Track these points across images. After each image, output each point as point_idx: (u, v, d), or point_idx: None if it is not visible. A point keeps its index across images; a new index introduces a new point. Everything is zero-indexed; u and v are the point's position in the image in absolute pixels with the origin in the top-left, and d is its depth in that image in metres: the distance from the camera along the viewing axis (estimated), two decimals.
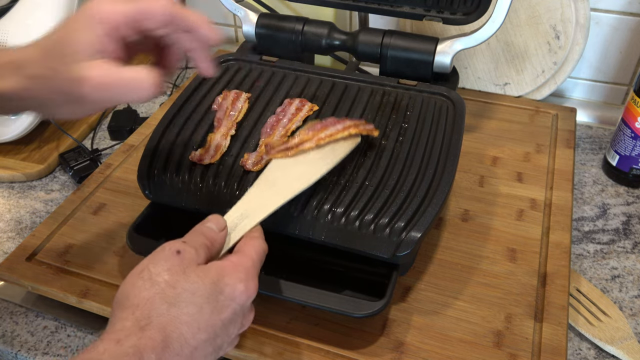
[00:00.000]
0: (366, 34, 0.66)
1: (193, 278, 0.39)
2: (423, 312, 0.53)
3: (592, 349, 0.55)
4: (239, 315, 0.41)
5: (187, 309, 0.37)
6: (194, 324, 0.37)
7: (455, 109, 0.59)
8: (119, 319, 0.37)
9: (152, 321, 0.36)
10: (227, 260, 0.41)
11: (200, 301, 0.38)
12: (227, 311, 0.39)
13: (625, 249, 0.65)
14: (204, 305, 0.38)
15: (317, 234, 0.50)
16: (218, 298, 0.39)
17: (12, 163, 0.76)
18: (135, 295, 0.38)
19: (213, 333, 0.38)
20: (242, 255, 0.42)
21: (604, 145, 0.80)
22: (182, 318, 0.37)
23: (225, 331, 0.40)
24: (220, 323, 0.39)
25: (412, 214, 0.50)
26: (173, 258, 0.39)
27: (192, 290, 0.38)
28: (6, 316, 0.58)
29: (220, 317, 0.39)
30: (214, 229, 0.43)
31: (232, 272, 0.40)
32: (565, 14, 0.76)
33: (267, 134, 0.57)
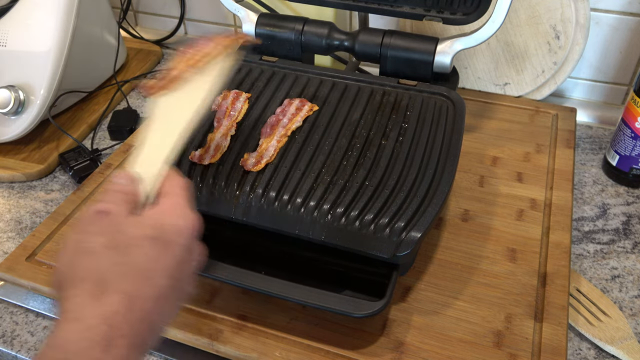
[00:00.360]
0: (366, 34, 0.66)
1: (131, 231, 0.38)
2: (423, 312, 0.53)
3: (592, 349, 0.55)
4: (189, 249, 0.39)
5: (135, 260, 0.36)
6: (149, 273, 0.36)
7: (455, 109, 0.59)
8: (69, 297, 0.35)
9: (105, 286, 0.35)
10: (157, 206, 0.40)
11: (146, 250, 0.37)
12: (176, 249, 0.38)
13: (625, 249, 0.65)
14: (151, 251, 0.37)
15: (317, 234, 0.50)
16: (163, 239, 0.38)
17: (12, 163, 0.76)
18: (75, 270, 0.36)
19: (170, 276, 0.37)
20: (169, 195, 0.41)
21: (604, 145, 0.80)
22: (136, 272, 0.36)
23: (181, 270, 0.38)
24: (174, 262, 0.38)
25: (412, 214, 0.50)
26: (100, 220, 0.38)
27: (134, 243, 0.37)
28: (6, 316, 0.58)
29: (172, 257, 0.38)
30: (124, 182, 0.42)
31: (168, 214, 0.39)
32: (565, 14, 0.76)
33: (267, 134, 0.57)
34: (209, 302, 0.54)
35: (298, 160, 0.55)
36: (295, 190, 0.52)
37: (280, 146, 0.56)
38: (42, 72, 0.76)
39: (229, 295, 0.55)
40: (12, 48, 0.77)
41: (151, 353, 0.55)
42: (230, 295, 0.55)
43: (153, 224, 0.38)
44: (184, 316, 0.53)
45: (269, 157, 0.55)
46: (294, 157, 0.55)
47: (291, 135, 0.57)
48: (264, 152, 0.55)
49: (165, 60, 1.00)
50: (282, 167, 0.54)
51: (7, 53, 0.77)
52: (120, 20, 1.03)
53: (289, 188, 0.53)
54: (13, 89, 0.75)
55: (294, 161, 0.55)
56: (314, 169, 0.54)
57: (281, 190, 0.53)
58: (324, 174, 0.54)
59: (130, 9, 1.08)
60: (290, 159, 0.55)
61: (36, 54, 0.77)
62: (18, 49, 0.77)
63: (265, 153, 0.55)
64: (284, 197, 0.52)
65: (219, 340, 0.51)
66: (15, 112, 0.76)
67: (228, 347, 0.51)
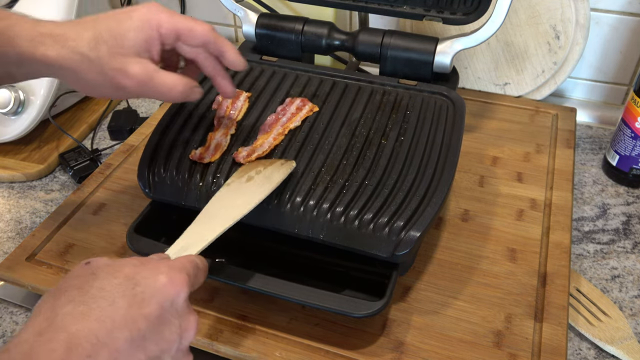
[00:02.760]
0: (366, 34, 0.66)
1: (102, 275, 0.35)
2: (423, 312, 0.53)
3: (592, 349, 0.55)
4: (172, 314, 0.36)
5: (96, 304, 0.33)
6: (107, 320, 0.32)
7: (455, 109, 0.59)
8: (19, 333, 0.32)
9: (53, 322, 0.32)
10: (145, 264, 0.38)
11: (111, 295, 0.34)
12: (150, 305, 0.34)
13: (625, 249, 0.65)
14: (117, 298, 0.34)
15: (316, 232, 0.50)
16: (135, 290, 0.34)
17: (12, 163, 0.76)
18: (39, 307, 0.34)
19: (137, 331, 0.33)
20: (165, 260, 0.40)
21: (604, 145, 0.80)
22: (92, 314, 0.32)
23: (158, 334, 0.34)
24: (144, 319, 0.34)
25: (412, 214, 0.50)
26: (82, 268, 0.37)
27: (100, 286, 0.34)
28: (6, 316, 0.58)
29: (141, 312, 0.34)
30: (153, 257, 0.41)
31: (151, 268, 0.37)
32: (565, 14, 0.76)
33: (265, 131, 0.57)
34: (209, 302, 0.54)
35: (298, 160, 0.55)
36: (294, 189, 0.52)
37: (275, 143, 0.56)
38: None
39: (229, 295, 0.55)
40: None
41: None
42: (230, 295, 0.55)
43: (130, 273, 0.36)
44: None
45: (262, 152, 0.55)
46: (294, 157, 0.55)
47: (290, 134, 0.57)
48: (257, 147, 0.56)
49: None
50: None
51: None
52: None
53: (288, 187, 0.53)
54: (13, 89, 0.75)
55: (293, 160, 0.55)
56: (314, 168, 0.54)
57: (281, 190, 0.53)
58: (324, 173, 0.54)
59: None
60: (290, 158, 0.55)
61: None
62: None
63: (259, 148, 0.56)
64: (283, 197, 0.52)
65: (219, 340, 0.51)
66: (15, 112, 0.76)
67: (228, 347, 0.51)
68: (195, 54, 0.50)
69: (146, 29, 0.46)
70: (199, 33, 0.48)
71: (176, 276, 0.37)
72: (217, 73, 0.52)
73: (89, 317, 0.32)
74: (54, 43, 0.45)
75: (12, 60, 0.46)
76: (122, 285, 0.35)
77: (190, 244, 0.44)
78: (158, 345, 0.34)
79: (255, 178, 0.51)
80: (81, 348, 0.31)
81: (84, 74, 0.45)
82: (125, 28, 0.45)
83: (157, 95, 0.47)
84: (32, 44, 0.45)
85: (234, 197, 0.50)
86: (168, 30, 0.47)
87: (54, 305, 0.33)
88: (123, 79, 0.45)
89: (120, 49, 0.45)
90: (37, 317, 0.33)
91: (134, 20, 0.46)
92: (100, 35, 0.45)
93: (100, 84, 0.46)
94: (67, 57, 0.45)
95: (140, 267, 0.36)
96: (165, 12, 0.47)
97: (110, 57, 0.45)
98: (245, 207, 0.48)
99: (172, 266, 0.38)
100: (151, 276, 0.36)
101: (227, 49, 0.50)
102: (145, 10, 0.47)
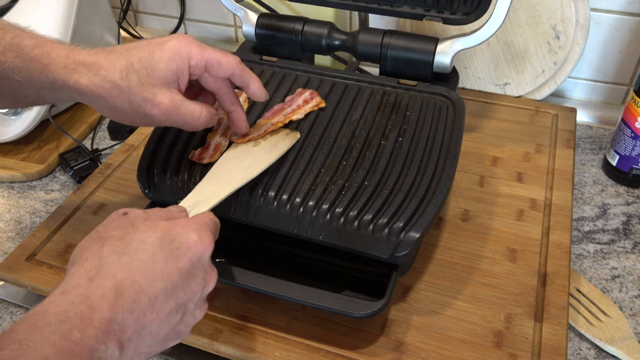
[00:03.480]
0: (366, 34, 0.66)
1: (142, 228, 0.39)
2: (423, 312, 0.53)
3: (592, 349, 0.55)
4: (198, 268, 0.40)
5: (138, 255, 0.37)
6: (148, 271, 0.37)
7: (455, 109, 0.59)
8: (68, 275, 0.37)
9: (101, 270, 0.36)
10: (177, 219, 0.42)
11: (151, 248, 0.38)
12: (183, 260, 0.38)
13: (625, 249, 0.65)
14: (156, 252, 0.38)
15: (316, 233, 0.50)
16: (171, 245, 0.38)
17: (12, 163, 0.76)
18: (83, 252, 0.38)
19: (171, 283, 0.37)
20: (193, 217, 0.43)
21: (604, 145, 0.80)
22: (134, 264, 0.37)
23: (187, 284, 0.39)
24: (178, 272, 0.38)
25: (411, 214, 0.50)
26: (120, 218, 0.41)
27: (141, 239, 0.38)
28: (6, 316, 0.58)
29: (176, 265, 0.38)
30: (173, 209, 0.45)
31: (183, 225, 0.40)
32: (565, 14, 0.76)
33: (267, 117, 0.59)
34: (209, 302, 0.54)
35: (297, 160, 0.55)
36: (294, 190, 0.53)
37: (273, 129, 0.57)
38: None
39: (229, 295, 0.55)
40: None
41: None
42: (230, 295, 0.55)
43: (166, 229, 0.40)
44: None
45: (257, 135, 0.56)
46: (294, 157, 0.55)
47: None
48: (254, 130, 0.56)
49: None
50: (281, 166, 0.54)
51: None
52: (120, 20, 1.03)
53: (288, 188, 0.53)
54: None
55: (293, 161, 0.55)
56: (313, 169, 0.54)
57: (280, 190, 0.53)
58: (323, 174, 0.54)
59: (130, 9, 1.08)
60: (290, 158, 0.55)
61: None
62: None
63: (255, 131, 0.56)
64: (283, 197, 0.52)
65: (219, 340, 0.51)
66: (15, 112, 0.76)
67: (228, 347, 0.51)
68: (218, 87, 0.51)
69: (177, 60, 0.47)
70: (226, 66, 0.49)
71: (205, 235, 0.41)
72: (235, 108, 0.53)
73: (132, 267, 0.36)
74: (87, 71, 0.46)
75: (45, 85, 0.47)
76: (160, 240, 0.38)
77: (202, 200, 0.47)
78: (186, 295, 0.39)
79: (262, 144, 0.54)
80: (127, 294, 0.35)
81: (114, 102, 0.47)
82: (157, 59, 0.47)
83: (182, 124, 0.49)
84: (65, 71, 0.46)
85: (241, 159, 0.52)
86: (198, 63, 0.48)
87: (99, 254, 0.37)
88: (151, 108, 0.47)
89: (150, 79, 0.47)
90: (84, 262, 0.37)
91: (165, 52, 0.47)
92: (132, 65, 0.47)
93: (128, 111, 0.47)
94: (99, 85, 0.46)
95: (174, 224, 0.40)
96: (196, 44, 0.49)
97: (140, 87, 0.46)
98: (253, 171, 0.51)
99: (200, 224, 0.41)
100: (184, 233, 0.40)
101: (252, 81, 0.51)
102: (177, 42, 0.48)
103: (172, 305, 0.38)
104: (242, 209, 0.52)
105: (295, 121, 0.58)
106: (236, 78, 0.51)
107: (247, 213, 0.52)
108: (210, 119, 0.50)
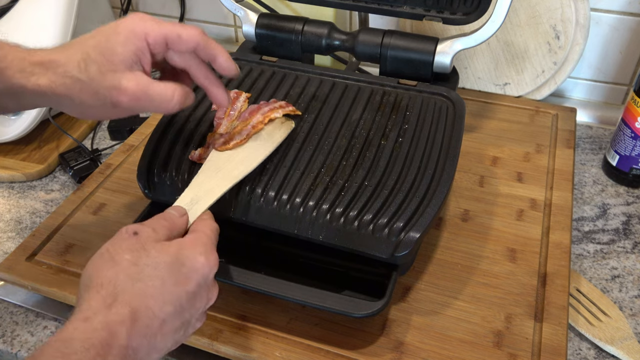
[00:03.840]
0: (366, 34, 0.66)
1: (153, 253, 0.40)
2: (423, 312, 0.53)
3: (592, 349, 0.55)
4: (203, 288, 0.41)
5: (151, 282, 0.38)
6: (160, 297, 0.38)
7: (455, 109, 0.59)
8: (85, 300, 0.38)
9: (118, 297, 0.37)
10: (184, 238, 0.43)
11: (163, 274, 0.39)
12: (190, 283, 0.40)
13: (625, 249, 0.65)
14: (167, 278, 0.39)
15: (316, 233, 0.50)
16: (180, 270, 0.40)
17: (12, 163, 0.76)
18: (98, 275, 0.38)
19: (179, 306, 0.39)
20: (198, 232, 0.44)
21: (604, 145, 0.80)
22: (148, 291, 0.38)
23: (192, 304, 0.40)
24: (186, 295, 0.40)
25: (411, 214, 0.50)
26: (130, 238, 0.41)
27: (154, 265, 0.39)
28: (6, 316, 0.58)
29: (185, 289, 0.40)
30: (174, 214, 0.45)
31: (191, 247, 0.41)
32: (565, 14, 0.76)
33: (245, 118, 0.57)
34: None
35: (297, 160, 0.55)
36: (294, 190, 0.53)
37: (255, 132, 0.55)
38: None
39: (229, 295, 0.55)
40: None
41: None
42: (230, 295, 0.55)
43: (174, 252, 0.40)
44: None
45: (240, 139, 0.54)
46: (294, 157, 0.55)
47: (290, 134, 0.57)
48: (235, 135, 0.55)
49: None
50: (281, 166, 0.54)
51: None
52: None
53: (288, 188, 0.53)
54: None
55: (293, 161, 0.55)
56: (313, 169, 0.54)
57: (280, 190, 0.53)
58: (323, 174, 0.54)
59: (130, 9, 1.08)
60: (290, 158, 0.55)
61: None
62: None
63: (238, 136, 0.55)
64: (283, 197, 0.52)
65: (219, 340, 0.51)
66: (15, 112, 0.76)
67: (228, 347, 0.51)
68: (187, 63, 0.48)
69: (134, 40, 0.44)
70: (187, 38, 0.46)
71: (210, 255, 0.42)
72: (210, 82, 0.50)
73: (146, 294, 0.38)
74: (45, 71, 0.44)
75: (3, 92, 0.45)
76: (170, 266, 0.40)
77: (200, 197, 0.47)
78: (190, 313, 0.41)
79: (256, 135, 0.54)
80: (141, 321, 0.37)
81: (79, 98, 0.44)
82: (113, 43, 0.44)
83: (154, 107, 0.46)
84: (23, 74, 0.44)
85: (238, 152, 0.52)
86: (156, 38, 0.45)
87: (115, 281, 0.38)
88: (118, 96, 0.44)
89: (111, 65, 0.44)
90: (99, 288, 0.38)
91: (120, 34, 0.44)
92: (88, 55, 0.44)
93: (96, 104, 0.45)
94: (59, 83, 0.44)
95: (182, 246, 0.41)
96: (150, 20, 0.46)
97: (102, 76, 0.44)
98: (250, 163, 0.51)
99: (206, 244, 0.42)
100: (192, 257, 0.41)
101: (218, 53, 0.48)
102: (130, 21, 0.45)
103: (178, 324, 0.40)
104: (242, 209, 0.52)
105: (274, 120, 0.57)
106: (201, 52, 0.47)
107: (247, 213, 0.52)
108: (186, 99, 0.47)
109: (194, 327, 0.43)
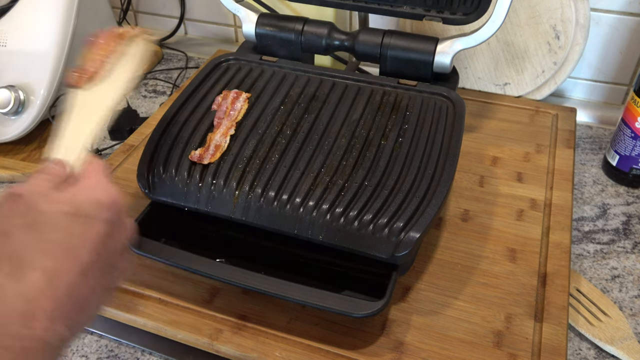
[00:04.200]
0: (366, 34, 0.66)
1: (46, 208, 0.37)
2: (423, 312, 0.53)
3: (592, 349, 0.55)
4: (114, 225, 0.39)
5: (54, 237, 0.36)
6: (70, 249, 0.36)
7: (455, 109, 0.59)
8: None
9: (24, 264, 0.34)
10: (76, 185, 0.40)
11: (64, 225, 0.36)
12: (97, 224, 0.37)
13: (625, 249, 0.65)
14: (71, 227, 0.37)
15: (316, 233, 0.50)
16: (81, 214, 0.37)
17: (12, 163, 0.76)
18: None
19: (95, 252, 0.37)
20: (89, 175, 0.41)
21: (604, 145, 0.80)
22: (54, 248, 0.35)
23: (107, 245, 0.38)
24: (97, 237, 0.37)
25: (411, 214, 0.50)
26: (13, 202, 0.37)
27: (51, 220, 0.37)
28: None
29: (93, 232, 0.37)
30: (48, 164, 0.42)
31: (85, 189, 0.39)
32: (565, 14, 0.76)
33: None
34: (209, 302, 0.54)
35: (297, 160, 0.55)
36: (294, 190, 0.53)
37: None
38: (42, 72, 0.76)
39: (229, 295, 0.55)
40: (12, 48, 0.77)
41: (151, 353, 0.55)
42: (230, 295, 0.55)
43: (70, 199, 0.38)
44: (183, 316, 0.53)
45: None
46: (294, 157, 0.55)
47: (290, 134, 0.57)
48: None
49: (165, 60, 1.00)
50: (281, 166, 0.54)
51: (7, 53, 0.77)
52: (120, 20, 1.03)
53: (288, 188, 0.53)
54: (13, 89, 0.75)
55: (293, 161, 0.55)
56: (313, 169, 0.54)
57: (280, 190, 0.53)
58: (323, 174, 0.54)
59: (130, 9, 1.08)
60: (290, 158, 0.55)
61: (36, 54, 0.77)
62: (18, 49, 0.77)
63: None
64: (283, 197, 0.52)
65: (219, 340, 0.51)
66: (15, 112, 0.76)
67: (228, 347, 0.51)
68: None
69: None
70: None
71: (110, 190, 0.40)
72: None
73: (54, 251, 0.35)
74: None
75: None
76: (70, 214, 0.37)
77: (74, 144, 0.44)
78: (109, 251, 0.38)
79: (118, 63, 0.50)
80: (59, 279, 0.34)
81: None
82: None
83: None
84: None
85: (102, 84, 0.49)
86: None
87: (12, 252, 0.35)
88: None
89: None
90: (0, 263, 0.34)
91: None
92: None
93: None
94: None
95: (75, 192, 0.39)
96: None
97: None
98: (118, 86, 0.48)
99: (100, 181, 0.40)
100: (91, 196, 0.39)
101: None
102: None
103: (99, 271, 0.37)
104: (242, 209, 0.52)
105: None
106: None
107: (247, 213, 0.52)
108: None
109: (120, 269, 0.40)
